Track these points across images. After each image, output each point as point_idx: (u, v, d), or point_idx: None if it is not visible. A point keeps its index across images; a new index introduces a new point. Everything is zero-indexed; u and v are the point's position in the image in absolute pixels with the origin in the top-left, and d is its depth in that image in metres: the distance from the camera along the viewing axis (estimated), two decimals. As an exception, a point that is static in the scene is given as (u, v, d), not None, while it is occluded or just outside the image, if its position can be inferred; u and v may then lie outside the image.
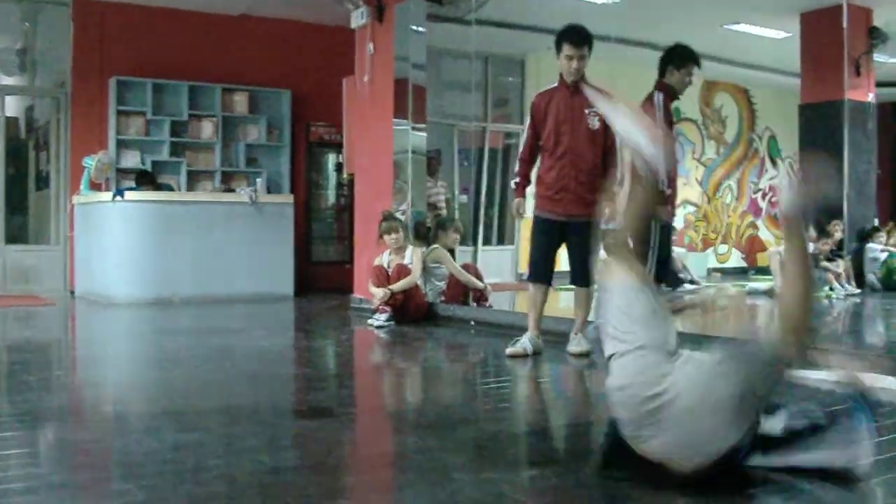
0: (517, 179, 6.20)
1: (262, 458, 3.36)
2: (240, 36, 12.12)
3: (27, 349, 7.04)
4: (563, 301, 7.77)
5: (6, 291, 11.20)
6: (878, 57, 11.15)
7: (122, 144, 11.60)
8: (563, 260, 6.38)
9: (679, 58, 6.41)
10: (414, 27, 9.34)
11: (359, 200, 10.15)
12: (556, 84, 6.10)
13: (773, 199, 15.92)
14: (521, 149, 6.24)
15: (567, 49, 5.94)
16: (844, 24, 10.86)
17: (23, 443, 3.67)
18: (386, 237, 8.28)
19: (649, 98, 6.34)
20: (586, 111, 5.94)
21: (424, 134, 9.48)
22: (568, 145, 5.91)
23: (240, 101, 12.29)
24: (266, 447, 3.56)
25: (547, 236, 6.11)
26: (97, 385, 5.30)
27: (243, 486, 2.98)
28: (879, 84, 11.77)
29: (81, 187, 11.04)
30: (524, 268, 7.00)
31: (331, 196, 13.13)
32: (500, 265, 11.90)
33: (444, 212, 10.12)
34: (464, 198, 12.23)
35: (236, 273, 10.37)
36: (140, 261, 10.05)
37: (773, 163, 15.97)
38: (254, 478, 3.09)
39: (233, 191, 11.38)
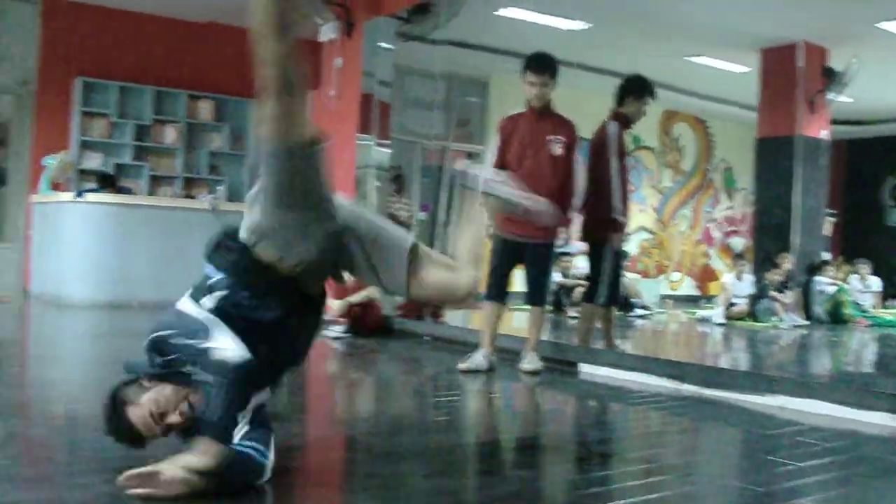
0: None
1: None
2: (207, 43, 12.19)
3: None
4: (516, 320, 7.94)
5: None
6: (832, 96, 11.45)
7: (85, 146, 11.63)
8: (517, 280, 6.56)
9: (639, 89, 6.64)
10: (382, 44, 9.48)
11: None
12: (523, 109, 6.27)
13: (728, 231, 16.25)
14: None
15: (530, 76, 6.16)
16: (800, 63, 11.16)
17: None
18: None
19: (603, 128, 6.56)
20: (549, 137, 6.13)
21: (388, 150, 9.61)
22: (530, 168, 6.07)
23: (205, 108, 12.35)
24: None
25: (506, 256, 6.28)
26: (49, 384, 5.33)
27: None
28: (834, 122, 12.10)
29: (41, 186, 11.03)
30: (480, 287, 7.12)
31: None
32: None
33: (407, 227, 10.23)
34: (423, 214, 12.34)
35: (196, 278, 10.39)
36: (98, 263, 10.05)
37: (729, 194, 16.29)
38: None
39: (194, 197, 11.42)
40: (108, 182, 10.90)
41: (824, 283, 11.86)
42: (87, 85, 11.62)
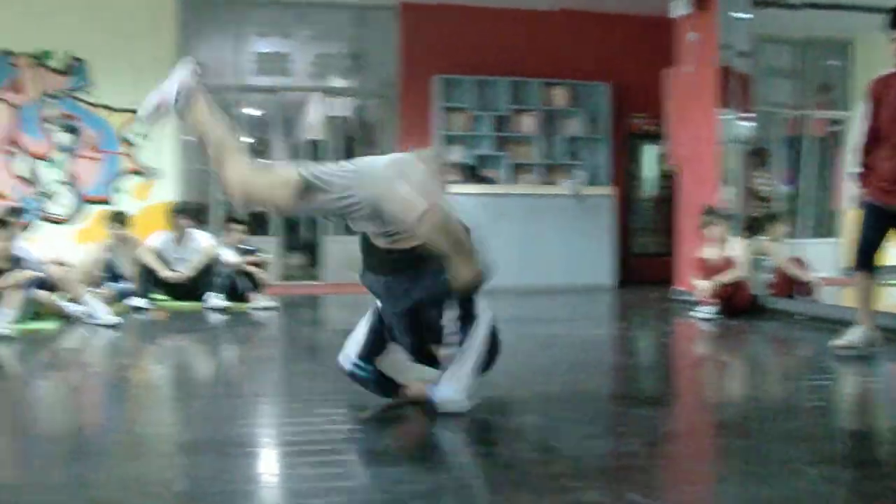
0: (856, 169, 5.85)
1: (605, 442, 3.46)
2: (558, 30, 12.33)
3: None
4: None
5: (338, 280, 11.89)
6: None
7: (447, 140, 12.08)
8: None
9: None
10: (737, 14, 9.12)
11: (680, 192, 10.01)
12: (893, 69, 5.74)
13: None
14: (858, 136, 5.89)
15: (894, 33, 5.59)
16: None
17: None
18: (707, 230, 8.17)
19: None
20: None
21: (751, 123, 9.24)
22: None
23: (560, 95, 12.47)
24: (607, 432, 3.68)
25: (877, 225, 5.78)
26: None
27: (591, 468, 3.07)
28: None
29: (410, 181, 11.56)
30: (848, 262, 6.64)
31: (650, 188, 13.07)
32: (822, 259, 11.38)
33: (770, 203, 9.81)
34: (787, 188, 11.79)
35: (557, 264, 10.56)
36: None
37: None
38: (600, 461, 3.19)
39: (554, 183, 11.58)
40: (471, 173, 11.28)
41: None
42: (445, 82, 12.08)
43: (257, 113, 13.60)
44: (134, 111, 11.30)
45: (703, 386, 5.24)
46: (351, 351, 3.94)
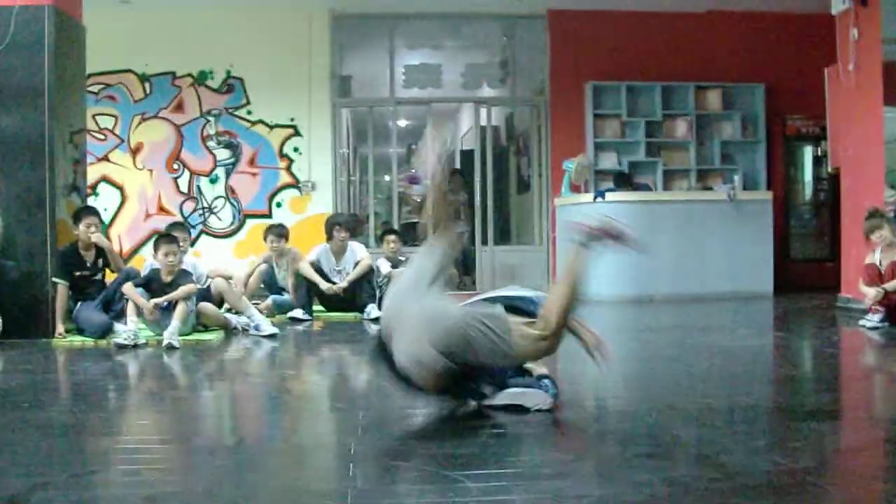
0: None
1: (775, 458, 3.34)
2: (709, 32, 12.11)
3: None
4: None
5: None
6: None
7: (599, 147, 11.99)
8: None
9: None
10: (902, 8, 8.76)
11: (845, 195, 9.63)
12: None
13: None
14: None
15: None
16: None
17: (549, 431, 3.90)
18: (872, 235, 7.86)
19: None
20: None
21: (920, 121, 8.86)
22: None
23: (713, 99, 12.22)
24: (775, 447, 3.55)
25: None
26: (578, 378, 5.46)
27: (759, 484, 2.98)
28: None
29: (562, 189, 11.54)
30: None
31: (809, 191, 12.67)
32: None
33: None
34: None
35: (714, 271, 10.34)
36: (621, 260, 10.25)
37: None
38: (770, 478, 3.08)
39: (710, 189, 11.35)
40: (624, 180, 11.17)
41: None
42: (596, 88, 11.99)
43: (408, 124, 13.80)
44: (290, 126, 11.64)
45: (873, 399, 5.03)
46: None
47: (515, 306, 4.14)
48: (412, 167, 13.55)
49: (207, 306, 7.66)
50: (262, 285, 9.33)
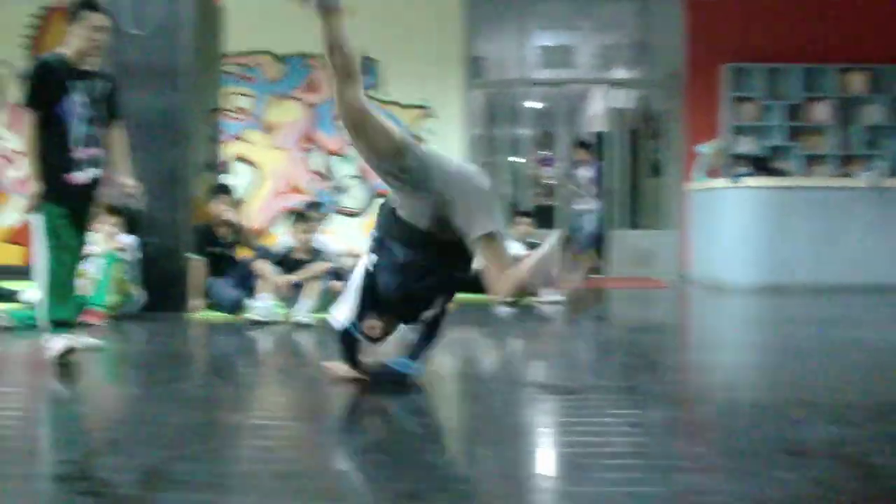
0: None
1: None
2: (854, 11, 11.64)
3: (640, 330, 7.38)
4: None
5: (624, 273, 11.84)
6: None
7: (736, 130, 11.69)
8: None
9: None
10: None
11: None
12: None
13: None
14: None
15: None
16: None
17: (653, 421, 3.82)
18: None
19: None
20: None
21: None
22: None
23: (857, 81, 11.78)
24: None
25: None
26: (709, 369, 5.34)
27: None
28: None
29: (697, 174, 11.29)
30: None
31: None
32: None
33: None
34: None
35: (856, 261, 9.97)
36: (755, 247, 10.04)
37: None
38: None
39: (851, 175, 10.96)
40: (761, 165, 10.86)
41: None
42: (734, 70, 11.68)
43: (541, 106, 13.69)
44: (422, 107, 11.68)
45: None
46: (345, 313, 4.26)
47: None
48: (545, 149, 13.47)
49: (339, 285, 7.72)
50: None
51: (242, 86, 11.99)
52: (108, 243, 7.43)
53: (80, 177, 5.20)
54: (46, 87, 5.12)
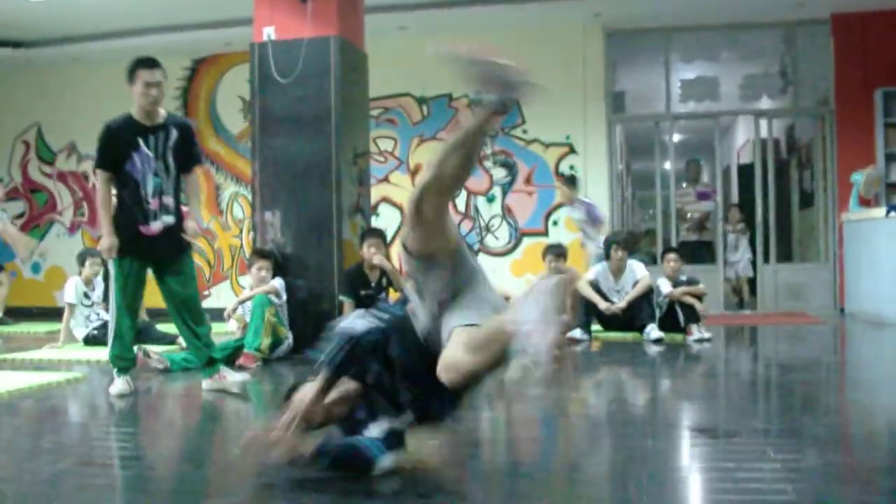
0: None
1: None
2: None
3: (796, 368, 7.15)
4: None
5: (776, 309, 11.52)
6: None
7: (890, 158, 11.28)
8: None
9: None
10: None
11: None
12: None
13: None
14: None
15: None
16: None
17: (788, 466, 3.69)
18: None
19: None
20: None
21: None
22: None
23: None
24: None
25: None
26: (872, 411, 5.11)
27: None
28: None
29: (850, 204, 10.94)
30: None
31: None
32: None
33: None
34: None
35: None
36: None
37: None
38: None
39: None
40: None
41: None
42: (887, 95, 11.29)
43: (686, 138, 13.52)
44: (566, 144, 11.66)
45: None
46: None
47: None
48: (697, 183, 13.26)
49: (486, 326, 7.73)
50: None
51: (387, 129, 12.20)
52: (258, 286, 7.63)
53: (154, 226, 5.65)
54: (112, 148, 5.59)
